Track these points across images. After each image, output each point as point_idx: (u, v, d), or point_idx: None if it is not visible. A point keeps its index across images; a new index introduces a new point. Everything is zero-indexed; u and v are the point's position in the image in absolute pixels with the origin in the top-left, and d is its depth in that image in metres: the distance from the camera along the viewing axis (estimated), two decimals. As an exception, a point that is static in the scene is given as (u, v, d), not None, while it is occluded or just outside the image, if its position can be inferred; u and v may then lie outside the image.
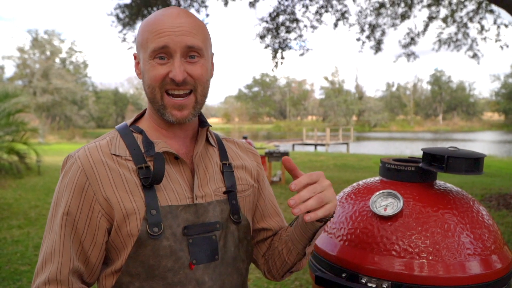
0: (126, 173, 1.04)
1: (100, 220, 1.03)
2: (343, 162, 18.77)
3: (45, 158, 15.61)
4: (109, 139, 1.10)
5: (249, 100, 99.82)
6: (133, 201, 1.02)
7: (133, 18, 12.04)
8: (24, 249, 5.47)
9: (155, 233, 1.01)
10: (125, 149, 1.08)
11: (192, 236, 1.05)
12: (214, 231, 1.09)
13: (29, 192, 9.79)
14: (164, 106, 1.06)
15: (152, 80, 1.04)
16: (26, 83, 55.50)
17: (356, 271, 1.33)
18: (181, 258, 1.04)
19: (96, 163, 1.04)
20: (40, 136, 23.72)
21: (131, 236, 1.02)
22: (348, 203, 1.50)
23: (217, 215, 1.11)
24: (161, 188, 1.05)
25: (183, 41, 1.02)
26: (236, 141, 1.33)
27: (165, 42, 1.01)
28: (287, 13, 12.33)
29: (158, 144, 1.10)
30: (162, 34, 1.01)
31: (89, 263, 1.05)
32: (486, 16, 12.31)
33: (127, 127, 1.14)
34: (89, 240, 1.04)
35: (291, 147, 31.75)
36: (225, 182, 1.17)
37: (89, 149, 1.07)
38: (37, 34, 59.19)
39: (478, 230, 1.33)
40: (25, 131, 13.24)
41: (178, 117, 1.06)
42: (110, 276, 1.06)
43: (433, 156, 1.42)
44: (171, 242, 1.02)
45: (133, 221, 1.01)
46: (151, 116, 1.14)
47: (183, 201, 1.07)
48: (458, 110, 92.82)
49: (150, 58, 1.03)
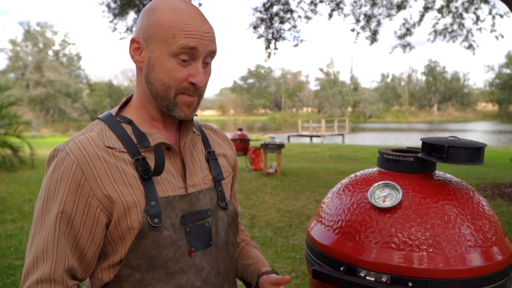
0: (124, 166, 1.03)
1: (98, 215, 1.02)
2: (339, 153, 18.80)
3: (39, 151, 15.52)
4: (98, 130, 1.07)
5: (244, 92, 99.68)
6: (133, 194, 1.02)
7: (124, 8, 11.94)
8: (18, 243, 5.42)
9: (156, 224, 1.02)
10: (117, 140, 1.06)
11: (188, 225, 1.08)
12: (207, 218, 1.13)
13: (22, 185, 9.73)
14: (176, 103, 1.07)
15: (172, 80, 1.04)
16: (19, 76, 55.03)
17: (354, 264, 1.30)
18: (181, 246, 1.06)
19: (91, 157, 1.01)
20: (34, 129, 23.66)
21: (131, 229, 1.02)
22: (346, 195, 1.47)
23: (208, 203, 1.14)
24: (157, 180, 1.06)
25: (209, 46, 1.05)
26: (213, 128, 1.36)
27: (196, 44, 1.02)
28: (281, 3, 12.25)
29: (152, 135, 1.09)
30: (194, 35, 1.02)
31: (85, 259, 1.04)
32: (481, 6, 12.29)
33: (114, 117, 1.11)
34: (85, 236, 1.02)
35: (287, 138, 31.76)
36: (211, 170, 1.20)
37: (81, 141, 1.03)
38: (29, 26, 58.61)
39: (478, 222, 1.31)
40: (18, 124, 13.18)
41: (187, 113, 1.09)
42: (107, 269, 1.06)
43: (432, 146, 1.39)
44: (171, 232, 1.04)
45: (134, 214, 1.02)
46: (144, 107, 1.13)
47: (177, 191, 1.09)
48: (452, 101, 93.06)
49: (172, 55, 1.03)
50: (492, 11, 12.10)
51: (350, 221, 1.37)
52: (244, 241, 1.42)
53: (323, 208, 1.54)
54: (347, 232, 1.36)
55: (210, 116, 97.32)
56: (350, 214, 1.39)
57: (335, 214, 1.44)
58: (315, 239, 1.46)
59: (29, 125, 14.67)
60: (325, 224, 1.46)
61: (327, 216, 1.47)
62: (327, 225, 1.45)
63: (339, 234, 1.39)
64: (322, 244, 1.42)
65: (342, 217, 1.41)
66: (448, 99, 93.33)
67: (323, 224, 1.47)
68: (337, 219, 1.42)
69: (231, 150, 1.35)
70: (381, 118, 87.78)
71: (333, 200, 1.50)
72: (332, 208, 1.47)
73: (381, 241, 1.28)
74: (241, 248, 1.39)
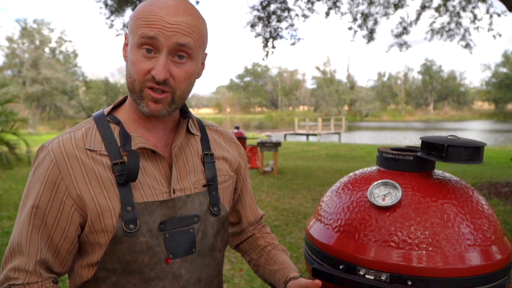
0: (101, 170, 1.02)
1: (72, 214, 1.02)
2: (335, 151, 18.81)
3: (35, 148, 15.45)
4: (84, 130, 1.07)
5: (240, 90, 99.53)
6: (108, 198, 1.01)
7: (121, 5, 11.91)
8: (14, 241, 5.41)
9: (131, 230, 1.00)
10: (100, 142, 1.05)
11: (169, 231, 1.05)
12: (192, 224, 1.09)
13: (19, 183, 9.69)
14: (142, 97, 1.01)
15: (135, 72, 1.00)
16: (15, 73, 54.75)
17: (354, 263, 1.30)
18: (157, 253, 1.03)
19: (69, 157, 1.01)
20: (30, 126, 23.56)
21: (105, 232, 1.01)
22: (345, 193, 1.47)
23: (196, 208, 1.10)
24: (136, 184, 1.03)
25: (174, 38, 0.97)
26: (219, 129, 1.31)
27: (155, 34, 0.96)
28: (278, 1, 12.23)
29: (134, 139, 1.06)
30: (155, 25, 0.96)
31: (59, 255, 1.05)
32: (478, 5, 12.30)
33: (104, 116, 1.10)
34: (59, 233, 1.02)
35: (283, 137, 31.76)
36: (205, 173, 1.15)
37: (64, 140, 1.04)
38: (26, 23, 58.31)
39: (478, 220, 1.31)
40: (15, 122, 13.14)
41: (152, 109, 1.02)
42: (86, 268, 1.06)
43: (432, 144, 1.39)
44: (147, 238, 1.02)
45: (108, 218, 1.00)
46: (132, 106, 1.10)
47: (159, 196, 1.05)
48: (448, 100, 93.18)
49: (137, 47, 0.99)
50: (490, 10, 12.11)
51: (350, 220, 1.37)
52: (271, 245, 1.36)
53: (322, 207, 1.54)
54: (347, 230, 1.36)
55: (206, 114, 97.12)
56: (349, 212, 1.39)
57: (334, 213, 1.44)
58: (314, 238, 1.46)
59: (26, 123, 14.63)
60: (325, 222, 1.46)
61: (327, 214, 1.47)
62: (326, 223, 1.45)
63: (338, 232, 1.39)
64: (321, 242, 1.42)
65: (342, 216, 1.41)
66: (445, 98, 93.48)
67: (323, 222, 1.47)
68: (337, 217, 1.42)
69: (237, 152, 1.30)
70: (377, 116, 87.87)
71: (333, 198, 1.50)
72: (332, 206, 1.47)
73: (381, 239, 1.29)
74: (268, 252, 1.34)
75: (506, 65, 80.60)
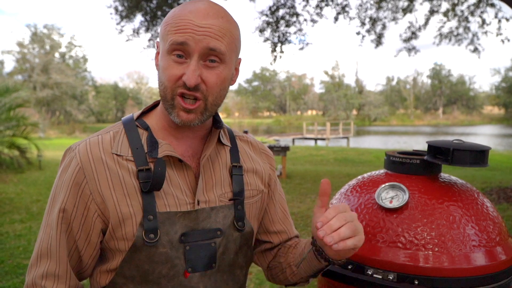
0: (126, 176, 1.00)
1: (95, 220, 1.00)
2: (344, 156, 18.77)
3: (46, 152, 15.61)
4: (112, 134, 1.05)
5: (249, 95, 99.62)
6: (130, 205, 0.98)
7: (132, 11, 12.02)
8: (26, 243, 5.49)
9: (151, 239, 0.97)
10: (127, 147, 1.02)
11: (190, 243, 1.01)
12: (215, 238, 1.05)
13: (30, 186, 9.79)
14: (173, 106, 0.98)
15: (166, 79, 0.97)
16: (26, 78, 55.30)
17: (362, 263, 1.34)
18: (176, 265, 1.01)
19: (95, 161, 0.99)
20: (41, 130, 23.71)
21: (126, 240, 0.99)
22: (354, 196, 1.51)
23: (219, 221, 1.06)
24: (160, 193, 1.00)
25: (204, 41, 0.94)
26: (250, 140, 1.26)
27: (185, 39, 0.93)
28: (287, 6, 12.29)
29: (162, 146, 1.03)
30: (184, 29, 0.93)
31: (82, 261, 1.04)
32: (487, 9, 12.27)
33: (133, 121, 1.07)
34: (83, 239, 1.01)
35: (291, 141, 31.73)
36: (232, 186, 1.11)
37: (91, 143, 1.02)
38: (36, 28, 58.92)
39: (483, 222, 1.34)
40: (26, 126, 13.22)
41: (183, 119, 0.98)
42: (105, 273, 1.05)
43: (438, 148, 1.43)
44: (167, 249, 0.99)
45: (128, 226, 0.98)
46: (163, 112, 1.07)
47: (183, 207, 1.02)
48: (458, 104, 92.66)
49: (168, 53, 0.96)
50: (498, 14, 12.10)
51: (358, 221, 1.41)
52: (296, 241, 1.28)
53: (331, 209, 1.57)
54: (355, 231, 1.40)
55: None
56: (358, 214, 1.43)
57: (343, 214, 1.48)
58: (323, 239, 1.50)
59: (36, 127, 14.69)
60: (334, 224, 1.50)
61: (335, 216, 1.51)
62: (335, 225, 1.49)
63: (347, 233, 1.42)
64: (330, 243, 1.45)
65: (350, 217, 1.44)
66: (454, 102, 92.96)
67: (332, 224, 1.51)
68: (345, 219, 1.46)
69: (267, 164, 1.25)
70: (386, 121, 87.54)
71: (341, 201, 1.54)
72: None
73: (388, 240, 1.32)
74: (294, 245, 1.25)
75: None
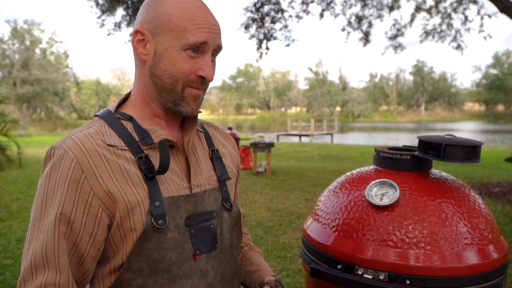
0: (126, 164, 0.98)
1: (101, 216, 0.95)
2: (328, 152, 18.86)
3: (27, 150, 15.36)
4: (97, 128, 1.01)
5: (233, 91, 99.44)
6: (137, 193, 0.97)
7: (112, 4, 11.86)
8: (6, 243, 5.36)
9: (160, 225, 0.97)
10: (117, 138, 1.01)
11: (193, 227, 1.04)
12: (212, 219, 1.08)
13: (10, 184, 9.61)
14: (184, 97, 1.03)
15: (180, 72, 1.01)
16: (6, 74, 54.31)
17: (352, 262, 1.30)
18: (185, 249, 1.01)
19: (91, 154, 0.95)
20: (21, 127, 23.35)
21: (134, 230, 0.97)
22: (343, 193, 1.47)
23: (212, 204, 1.10)
24: (161, 179, 1.01)
25: (217, 40, 1.03)
26: (215, 125, 1.32)
27: (206, 38, 1.00)
28: (272, 3, 12.24)
29: (155, 132, 1.04)
30: (204, 29, 1.00)
31: (84, 264, 0.97)
32: (470, 6, 12.38)
33: (113, 114, 1.06)
34: (86, 239, 0.95)
35: (276, 138, 31.77)
36: (215, 169, 1.15)
37: (79, 138, 0.97)
38: (17, 24, 57.83)
39: (475, 220, 1.31)
40: (6, 123, 13.03)
41: (193, 108, 1.05)
42: (108, 275, 1.00)
43: (429, 144, 1.39)
44: (175, 234, 1.00)
45: (137, 215, 0.96)
46: (145, 103, 1.07)
47: (182, 191, 1.04)
48: (440, 101, 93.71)
49: (182, 49, 0.99)
50: (481, 11, 12.21)
51: (348, 219, 1.37)
52: (248, 246, 1.37)
53: (320, 206, 1.53)
54: (345, 230, 1.36)
55: (198, 115, 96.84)
56: (347, 212, 1.39)
57: (332, 212, 1.44)
58: (311, 237, 1.46)
59: (16, 124, 14.48)
60: (322, 222, 1.46)
61: (324, 214, 1.47)
62: (324, 223, 1.45)
63: (336, 232, 1.38)
64: (319, 242, 1.41)
65: (339, 215, 1.40)
66: (436, 99, 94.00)
67: (320, 222, 1.47)
68: (334, 217, 1.42)
69: (233, 148, 1.30)
70: (369, 117, 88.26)
71: (330, 198, 1.50)
72: (329, 206, 1.47)
73: (379, 239, 1.29)
74: (244, 252, 1.34)
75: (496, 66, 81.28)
